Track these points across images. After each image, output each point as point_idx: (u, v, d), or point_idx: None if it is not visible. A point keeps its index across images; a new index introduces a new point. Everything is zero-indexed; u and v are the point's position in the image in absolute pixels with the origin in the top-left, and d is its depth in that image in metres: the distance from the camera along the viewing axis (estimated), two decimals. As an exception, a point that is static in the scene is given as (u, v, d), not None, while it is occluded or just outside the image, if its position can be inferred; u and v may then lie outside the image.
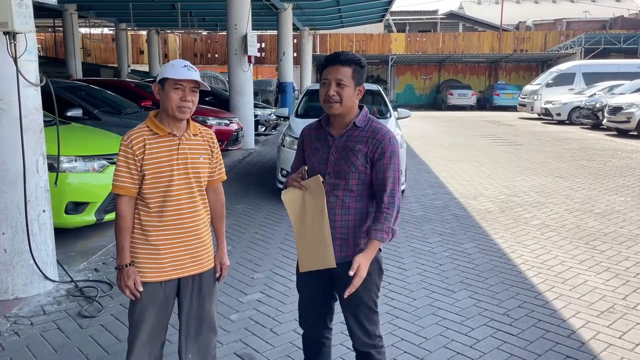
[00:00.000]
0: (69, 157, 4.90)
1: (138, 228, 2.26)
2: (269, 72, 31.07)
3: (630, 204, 6.84)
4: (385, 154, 2.18)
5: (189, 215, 2.29)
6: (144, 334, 2.30)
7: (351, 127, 2.24)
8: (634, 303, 3.86)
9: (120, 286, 2.26)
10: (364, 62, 2.23)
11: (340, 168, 2.20)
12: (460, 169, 9.63)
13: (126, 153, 2.20)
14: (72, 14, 17.70)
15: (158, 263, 2.26)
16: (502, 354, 3.15)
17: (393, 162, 2.19)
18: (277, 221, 6.03)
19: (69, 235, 5.13)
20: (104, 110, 7.91)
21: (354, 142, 2.21)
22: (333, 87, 2.18)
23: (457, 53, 32.32)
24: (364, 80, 2.26)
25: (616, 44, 28.34)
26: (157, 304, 2.30)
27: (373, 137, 2.20)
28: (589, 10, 42.03)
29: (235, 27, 11.33)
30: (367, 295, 2.27)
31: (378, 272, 2.31)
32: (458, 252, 5.00)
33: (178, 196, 2.25)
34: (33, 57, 3.79)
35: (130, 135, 2.22)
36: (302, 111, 8.06)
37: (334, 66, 2.19)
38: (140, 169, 2.20)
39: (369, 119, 2.28)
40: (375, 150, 2.18)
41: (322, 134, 2.31)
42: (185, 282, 2.34)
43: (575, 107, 18.52)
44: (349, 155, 2.20)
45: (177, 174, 2.24)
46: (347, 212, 2.22)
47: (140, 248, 2.26)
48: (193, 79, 2.18)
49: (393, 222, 2.17)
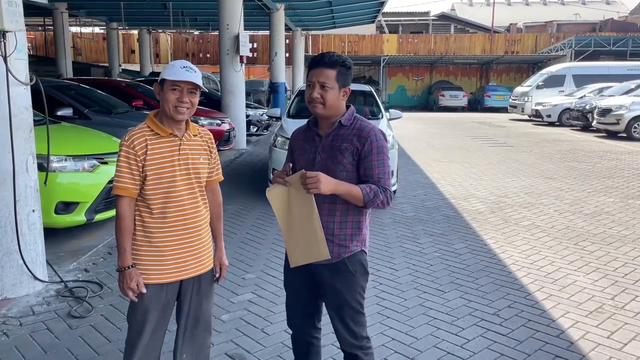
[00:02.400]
0: (59, 156, 4.87)
1: (140, 229, 2.24)
2: (261, 73, 31.04)
3: (619, 205, 6.90)
4: (372, 151, 2.18)
5: (192, 216, 2.28)
6: (146, 337, 2.28)
7: (337, 126, 2.24)
8: (622, 303, 3.89)
9: (123, 288, 2.22)
10: (349, 63, 2.23)
11: (327, 167, 2.20)
12: (451, 170, 9.68)
13: (128, 153, 2.17)
14: (62, 12, 17.56)
15: (161, 265, 2.25)
16: (492, 353, 3.17)
17: (381, 158, 2.19)
18: (269, 222, 6.02)
19: (59, 236, 5.09)
20: (94, 109, 7.85)
21: (340, 141, 2.21)
22: (317, 89, 2.18)
23: (449, 54, 32.45)
24: (349, 81, 2.26)
25: (606, 46, 28.58)
26: (159, 306, 2.28)
27: (359, 135, 2.20)
28: (579, 13, 42.41)
29: (227, 27, 11.31)
30: (351, 296, 2.27)
31: (363, 274, 2.30)
32: (449, 253, 5.02)
33: (181, 197, 2.24)
34: (23, 55, 3.77)
35: (132, 135, 2.20)
36: (294, 111, 8.05)
37: (318, 68, 2.19)
38: (142, 169, 2.18)
39: (355, 118, 2.28)
40: (362, 147, 2.18)
41: (310, 135, 2.32)
42: (186, 284, 2.33)
43: (565, 108, 18.68)
44: (336, 154, 2.21)
45: (180, 174, 2.23)
46: (333, 212, 2.22)
47: (143, 250, 2.24)
48: (189, 80, 2.17)
49: (379, 194, 2.15)
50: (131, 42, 32.84)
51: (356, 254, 2.27)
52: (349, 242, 2.25)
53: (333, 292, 2.28)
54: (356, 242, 2.26)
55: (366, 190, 2.14)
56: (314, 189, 2.05)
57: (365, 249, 2.32)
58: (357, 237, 2.26)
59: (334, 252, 2.22)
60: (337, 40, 32.84)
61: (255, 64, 31.92)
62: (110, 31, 23.40)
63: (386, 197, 2.18)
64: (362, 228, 2.29)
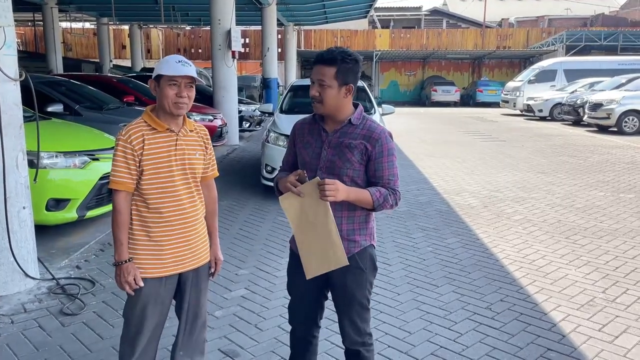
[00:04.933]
0: (50, 153, 4.83)
1: (138, 224, 2.23)
2: (253, 68, 30.90)
3: (610, 199, 6.95)
4: (383, 152, 2.18)
5: (189, 210, 2.28)
6: (146, 332, 2.28)
7: (346, 124, 2.22)
8: (613, 296, 3.93)
9: (120, 282, 2.21)
10: (351, 58, 2.12)
11: (333, 164, 2.19)
12: (444, 165, 9.70)
13: (125, 148, 2.17)
14: (52, 7, 17.39)
15: (159, 259, 2.25)
16: (484, 347, 3.19)
17: (391, 160, 2.21)
18: (262, 217, 6.01)
19: (50, 233, 5.06)
20: (85, 105, 7.79)
21: (349, 139, 2.19)
22: (316, 87, 2.17)
23: (441, 49, 32.47)
24: (353, 78, 2.16)
25: (597, 41, 28.73)
26: (158, 300, 2.28)
27: (369, 136, 2.19)
28: (570, 8, 42.55)
29: (219, 22, 11.25)
30: (360, 292, 2.27)
31: (372, 270, 2.30)
32: (441, 247, 5.04)
33: (177, 191, 2.24)
34: (12, 51, 3.73)
35: (129, 130, 2.19)
36: (286, 107, 8.03)
37: (317, 66, 2.17)
38: (139, 164, 2.18)
39: (364, 117, 2.26)
40: (373, 149, 2.18)
41: (316, 129, 2.28)
42: (185, 277, 2.34)
43: (556, 103, 18.77)
44: (344, 152, 2.18)
45: (177, 169, 2.23)
46: (340, 209, 2.20)
47: (140, 244, 2.24)
48: (187, 74, 2.16)
49: (389, 197, 2.17)
50: (122, 38, 32.61)
51: (367, 249, 2.26)
52: (357, 236, 2.24)
53: (342, 288, 2.27)
54: (364, 235, 2.26)
55: (376, 196, 2.15)
56: (332, 197, 2.05)
57: (374, 242, 2.32)
58: (365, 230, 2.26)
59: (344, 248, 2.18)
60: (329, 36, 32.78)
61: (247, 60, 31.80)
62: (101, 26, 23.23)
63: (395, 199, 2.21)
64: (369, 221, 2.29)
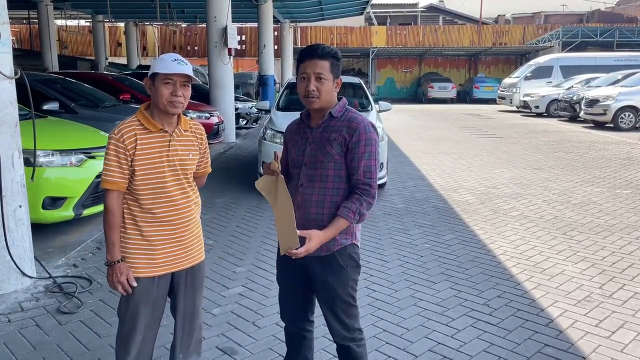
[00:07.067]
0: (46, 151, 4.81)
1: (131, 223, 2.22)
2: (249, 65, 30.88)
3: (606, 195, 6.97)
4: (360, 142, 2.16)
5: (182, 210, 2.27)
6: (139, 332, 2.26)
7: (327, 117, 2.23)
8: (610, 292, 3.94)
9: (112, 282, 2.20)
10: (339, 54, 2.23)
11: (315, 158, 2.20)
12: (441, 162, 9.71)
13: (117, 147, 2.15)
14: (47, 5, 17.32)
15: (151, 258, 2.24)
16: (482, 343, 3.19)
17: (369, 151, 2.17)
18: (259, 215, 6.01)
19: (47, 231, 5.05)
20: (81, 103, 7.76)
21: (330, 132, 2.20)
22: (313, 81, 2.16)
23: (438, 46, 32.49)
24: (339, 72, 2.25)
25: (593, 37, 28.78)
26: (150, 300, 2.26)
27: (348, 126, 2.19)
28: (566, 4, 42.63)
29: (215, 19, 11.22)
30: (342, 290, 2.26)
31: (354, 268, 2.30)
32: (439, 244, 5.05)
33: (170, 192, 2.23)
34: (7, 49, 3.71)
35: (122, 129, 2.17)
36: (283, 104, 8.02)
37: (312, 60, 2.16)
38: (131, 164, 2.16)
39: (346, 110, 2.26)
40: (350, 138, 2.17)
41: (302, 127, 2.32)
42: (179, 277, 2.32)
43: (553, 99, 18.80)
44: (324, 145, 2.19)
45: (169, 170, 2.22)
46: (322, 205, 2.20)
47: (132, 243, 2.22)
48: (183, 72, 2.14)
49: (363, 206, 2.16)
50: (118, 35, 32.50)
51: (346, 247, 2.26)
52: (339, 235, 2.23)
53: (324, 286, 2.27)
54: (344, 234, 2.24)
55: (350, 217, 2.15)
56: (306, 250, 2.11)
57: (356, 242, 2.31)
58: (346, 229, 2.24)
59: (324, 245, 2.19)
60: (325, 32, 32.75)
61: (243, 57, 31.77)
62: (96, 24, 23.14)
63: (369, 203, 2.18)
64: None
